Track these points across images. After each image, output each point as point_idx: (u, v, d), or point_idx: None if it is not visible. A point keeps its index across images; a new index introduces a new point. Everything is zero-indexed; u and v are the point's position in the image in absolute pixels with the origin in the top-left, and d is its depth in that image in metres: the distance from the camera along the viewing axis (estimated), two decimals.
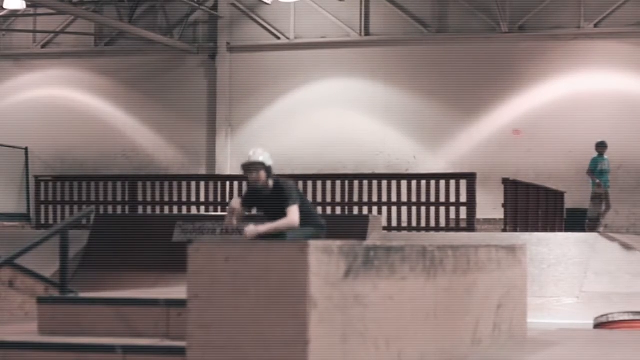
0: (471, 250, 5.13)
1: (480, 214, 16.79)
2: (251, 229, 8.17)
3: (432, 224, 16.07)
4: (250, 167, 8.20)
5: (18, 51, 25.65)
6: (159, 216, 17.27)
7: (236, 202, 8.51)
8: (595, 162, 16.41)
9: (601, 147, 16.45)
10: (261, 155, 8.23)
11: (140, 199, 17.95)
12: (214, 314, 3.54)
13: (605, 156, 16.43)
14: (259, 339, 3.45)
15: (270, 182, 8.24)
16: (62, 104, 24.96)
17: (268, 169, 8.22)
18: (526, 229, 16.56)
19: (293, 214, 8.08)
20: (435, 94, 22.08)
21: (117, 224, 16.49)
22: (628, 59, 21.06)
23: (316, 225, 8.40)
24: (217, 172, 22.74)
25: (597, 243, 14.15)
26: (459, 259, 4.86)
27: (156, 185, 18.10)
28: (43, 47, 25.61)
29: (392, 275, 4.06)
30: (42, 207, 18.44)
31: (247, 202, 8.47)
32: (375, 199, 16.54)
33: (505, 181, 16.33)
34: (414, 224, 16.19)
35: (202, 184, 18.05)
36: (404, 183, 16.51)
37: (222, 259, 3.54)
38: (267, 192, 8.23)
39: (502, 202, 16.20)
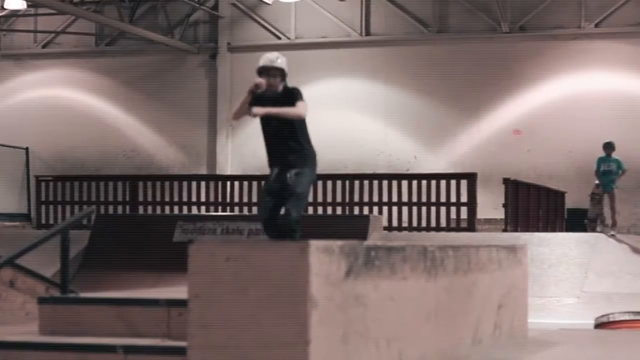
0: (472, 251, 5.13)
1: (480, 214, 16.79)
2: (258, 108, 8.01)
3: (433, 224, 16.07)
4: (271, 71, 8.08)
5: (19, 51, 25.66)
6: (159, 216, 17.28)
7: (263, 80, 8.11)
8: (598, 162, 16.36)
9: (606, 147, 16.34)
10: (282, 61, 8.15)
11: (140, 199, 17.96)
12: (215, 314, 3.54)
13: (615, 156, 16.25)
14: (260, 339, 3.45)
15: (280, 87, 8.18)
16: (63, 104, 24.95)
17: (284, 77, 8.18)
18: (527, 229, 16.55)
19: (301, 107, 7.97)
20: (436, 94, 22.08)
21: (117, 224, 16.49)
22: (628, 59, 21.04)
23: (312, 163, 8.22)
24: (218, 172, 22.72)
25: (598, 243, 14.15)
26: (459, 259, 4.86)
27: (157, 185, 18.11)
28: (44, 47, 25.62)
29: (393, 275, 4.06)
30: (43, 207, 18.44)
31: (252, 101, 8.21)
32: (375, 199, 16.54)
33: (506, 181, 16.33)
34: (415, 224, 16.19)
35: (203, 184, 18.05)
36: (404, 183, 16.50)
37: (223, 258, 3.54)
38: (275, 94, 8.12)
39: (503, 202, 16.21)
